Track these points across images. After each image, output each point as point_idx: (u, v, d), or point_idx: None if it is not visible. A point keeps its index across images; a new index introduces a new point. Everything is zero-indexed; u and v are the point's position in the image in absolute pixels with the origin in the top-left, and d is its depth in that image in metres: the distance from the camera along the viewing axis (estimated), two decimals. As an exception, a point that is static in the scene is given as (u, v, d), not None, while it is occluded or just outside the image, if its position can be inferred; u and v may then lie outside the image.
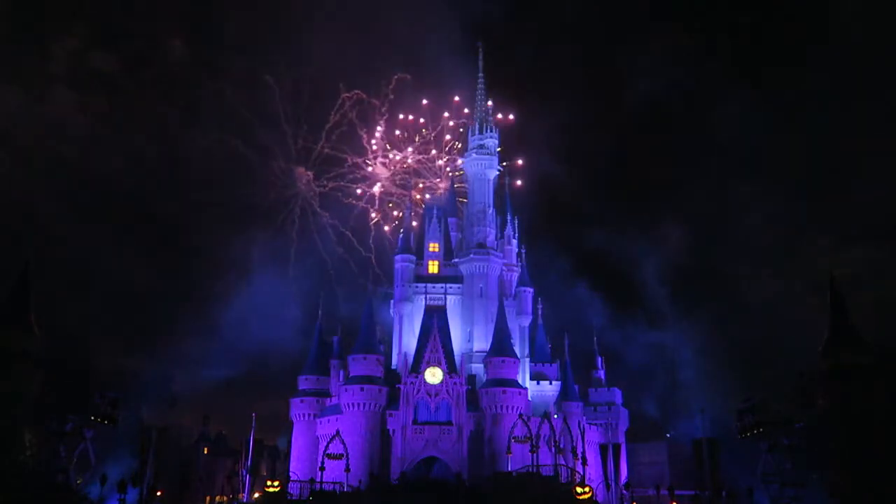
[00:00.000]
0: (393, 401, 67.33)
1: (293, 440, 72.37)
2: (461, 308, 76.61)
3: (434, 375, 67.04)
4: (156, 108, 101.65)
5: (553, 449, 61.90)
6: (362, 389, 66.60)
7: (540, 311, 78.90)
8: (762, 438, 50.86)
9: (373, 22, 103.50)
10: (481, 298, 76.09)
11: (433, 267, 78.48)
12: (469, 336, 75.22)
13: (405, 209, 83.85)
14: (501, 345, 69.79)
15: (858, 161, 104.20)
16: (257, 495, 64.22)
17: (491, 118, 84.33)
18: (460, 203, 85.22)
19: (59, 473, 47.33)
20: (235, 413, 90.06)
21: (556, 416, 69.34)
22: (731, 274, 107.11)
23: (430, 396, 66.57)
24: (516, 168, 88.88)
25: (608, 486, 68.70)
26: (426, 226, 79.84)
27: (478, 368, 72.00)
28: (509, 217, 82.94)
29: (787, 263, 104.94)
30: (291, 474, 64.33)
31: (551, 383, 74.58)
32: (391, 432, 66.44)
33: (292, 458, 71.32)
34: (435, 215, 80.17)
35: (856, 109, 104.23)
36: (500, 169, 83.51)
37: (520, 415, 63.43)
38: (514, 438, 60.66)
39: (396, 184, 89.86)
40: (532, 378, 74.69)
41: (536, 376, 75.09)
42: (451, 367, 67.87)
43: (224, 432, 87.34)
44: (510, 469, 60.51)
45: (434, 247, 79.10)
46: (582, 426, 65.80)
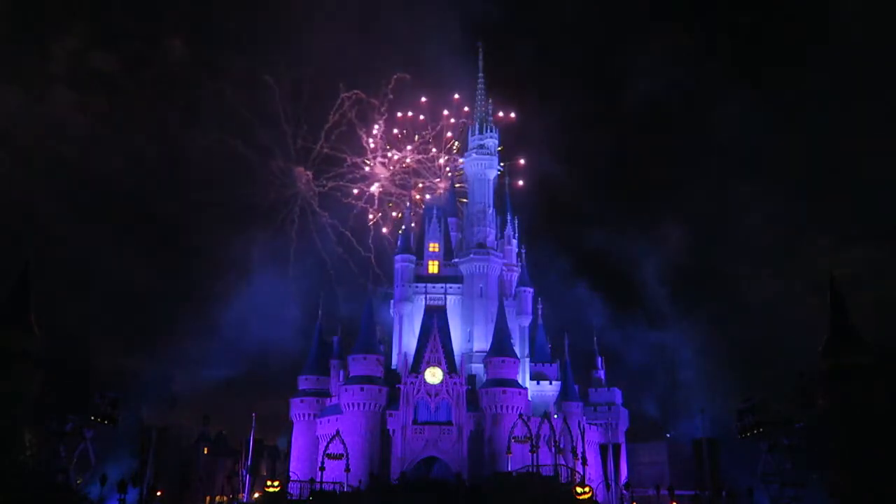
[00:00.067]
0: (393, 401, 67.32)
1: (293, 440, 72.35)
2: (461, 308, 76.60)
3: (434, 375, 67.04)
4: (156, 108, 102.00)
5: (553, 449, 61.89)
6: (362, 389, 66.60)
7: (540, 311, 78.89)
8: (762, 438, 50.88)
9: (372, 22, 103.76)
10: (481, 298, 76.08)
11: (433, 267, 78.46)
12: (469, 336, 75.20)
13: (405, 209, 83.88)
14: (501, 345, 69.78)
15: (858, 161, 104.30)
16: (257, 495, 64.25)
17: (491, 118, 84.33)
18: (460, 203, 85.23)
19: (59, 473, 47.34)
20: (235, 413, 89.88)
21: (556, 416, 69.32)
22: (731, 274, 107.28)
23: (430, 396, 66.56)
24: (518, 168, 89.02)
25: (608, 486, 68.68)
26: (426, 226, 79.79)
27: (478, 368, 71.99)
28: (509, 217, 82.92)
29: (787, 263, 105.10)
30: (291, 474, 64.29)
31: (551, 383, 74.57)
32: (391, 432, 66.42)
33: (292, 458, 71.28)
34: (435, 215, 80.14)
35: (856, 109, 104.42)
36: (500, 169, 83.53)
37: (520, 415, 63.43)
38: (514, 438, 60.65)
39: (396, 184, 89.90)
40: (532, 378, 74.68)
41: (536, 376, 75.08)
42: (451, 367, 67.86)
43: (224, 432, 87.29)
44: (510, 469, 60.52)
45: (434, 247, 79.08)
46: (582, 426, 65.79)
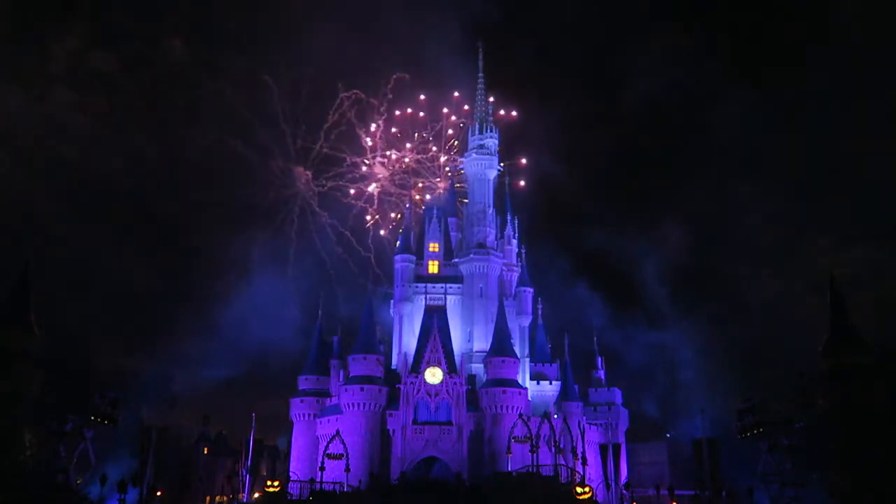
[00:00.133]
0: (393, 401, 67.32)
1: (293, 440, 72.36)
2: (461, 308, 76.60)
3: (434, 375, 67.03)
4: (156, 109, 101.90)
5: (553, 449, 61.88)
6: (362, 389, 66.60)
7: (540, 311, 78.90)
8: (762, 438, 50.87)
9: (372, 22, 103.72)
10: (481, 298, 76.08)
11: (433, 267, 78.46)
12: (469, 336, 75.20)
13: (404, 209, 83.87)
14: (501, 345, 69.78)
15: (858, 161, 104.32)
16: (257, 495, 64.23)
17: (491, 118, 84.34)
18: (460, 203, 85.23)
19: (59, 473, 47.32)
20: (235, 413, 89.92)
21: (556, 416, 69.32)
22: (731, 274, 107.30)
23: (430, 396, 66.56)
24: (520, 167, 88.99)
25: (608, 486, 68.66)
26: (426, 226, 79.80)
27: (478, 368, 71.99)
28: (509, 217, 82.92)
29: (787, 263, 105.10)
30: (291, 474, 64.30)
31: (551, 383, 74.57)
32: (391, 432, 66.42)
33: (292, 458, 71.29)
34: (435, 215, 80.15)
35: (856, 109, 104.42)
36: (500, 169, 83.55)
37: (520, 415, 63.41)
38: (514, 438, 60.64)
39: (396, 183, 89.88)
40: (532, 378, 74.68)
41: (536, 376, 75.09)
42: (451, 367, 67.86)
43: (224, 432, 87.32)
44: (510, 469, 60.51)
45: (434, 247, 79.09)
46: (582, 426, 65.78)
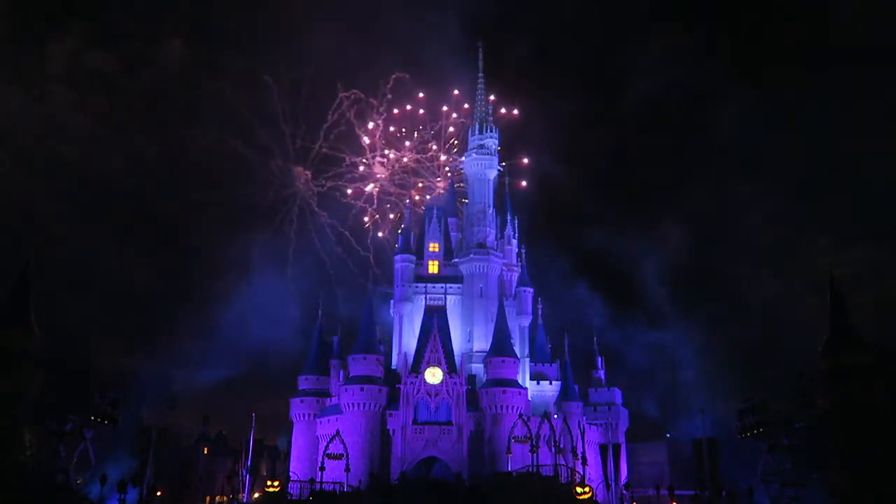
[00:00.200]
0: (393, 401, 67.31)
1: (293, 440, 72.35)
2: (461, 308, 76.58)
3: (434, 375, 67.02)
4: (155, 109, 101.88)
5: (553, 449, 61.85)
6: (362, 389, 66.58)
7: (540, 311, 78.89)
8: (762, 438, 50.87)
9: (372, 22, 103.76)
10: (481, 298, 76.06)
11: (433, 267, 78.43)
12: (469, 336, 75.18)
13: (404, 209, 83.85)
14: (501, 345, 69.77)
15: (858, 161, 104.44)
16: (257, 495, 64.25)
17: (491, 118, 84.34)
18: (460, 203, 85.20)
19: (59, 473, 47.29)
20: (235, 413, 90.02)
21: (556, 416, 69.31)
22: (731, 274, 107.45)
23: (430, 396, 66.55)
24: (522, 167, 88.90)
25: (608, 486, 68.65)
26: (426, 226, 79.77)
27: (478, 368, 71.97)
28: (509, 217, 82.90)
29: (787, 263, 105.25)
30: (291, 474, 64.27)
31: (551, 383, 74.56)
32: (391, 432, 66.41)
33: (292, 458, 71.28)
34: (435, 215, 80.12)
35: (856, 109, 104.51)
36: (501, 169, 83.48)
37: (520, 415, 63.40)
38: (514, 438, 60.63)
39: (395, 183, 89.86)
40: (532, 378, 74.66)
41: (536, 376, 75.07)
42: (451, 367, 67.85)
43: (224, 432, 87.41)
44: (510, 469, 60.50)
45: (434, 247, 79.06)
46: (582, 426, 65.76)
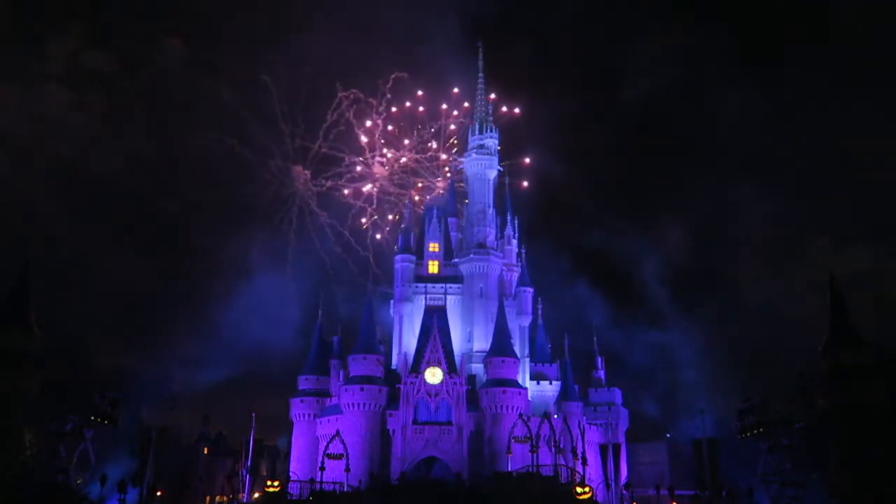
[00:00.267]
0: (393, 401, 67.30)
1: (293, 440, 72.33)
2: (461, 308, 76.58)
3: (434, 375, 67.01)
4: (155, 108, 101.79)
5: (553, 449, 61.82)
6: (362, 389, 66.57)
7: (540, 311, 78.88)
8: (762, 438, 50.93)
9: (371, 21, 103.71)
10: (481, 298, 76.06)
11: (433, 267, 78.42)
12: (469, 336, 75.19)
13: (404, 209, 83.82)
14: (501, 345, 69.77)
15: (858, 161, 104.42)
16: (257, 495, 64.24)
17: (491, 118, 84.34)
18: (460, 203, 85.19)
19: (59, 473, 47.32)
20: (235, 413, 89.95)
21: (556, 416, 69.31)
22: (731, 274, 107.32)
23: (430, 396, 66.54)
24: (522, 167, 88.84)
25: (608, 486, 68.65)
26: (426, 226, 79.76)
27: (478, 368, 71.97)
28: (509, 217, 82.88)
29: (787, 263, 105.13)
30: (291, 474, 64.25)
31: (551, 383, 74.57)
32: (391, 432, 66.40)
33: (292, 458, 71.26)
34: (435, 215, 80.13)
35: (856, 109, 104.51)
36: (501, 169, 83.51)
37: (520, 415, 63.39)
38: (514, 438, 60.62)
39: (395, 183, 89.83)
40: (532, 378, 74.67)
41: (536, 376, 75.08)
42: (451, 367, 67.84)
43: (224, 432, 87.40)
44: (510, 469, 60.48)
45: (434, 247, 79.06)
46: (582, 426, 65.76)
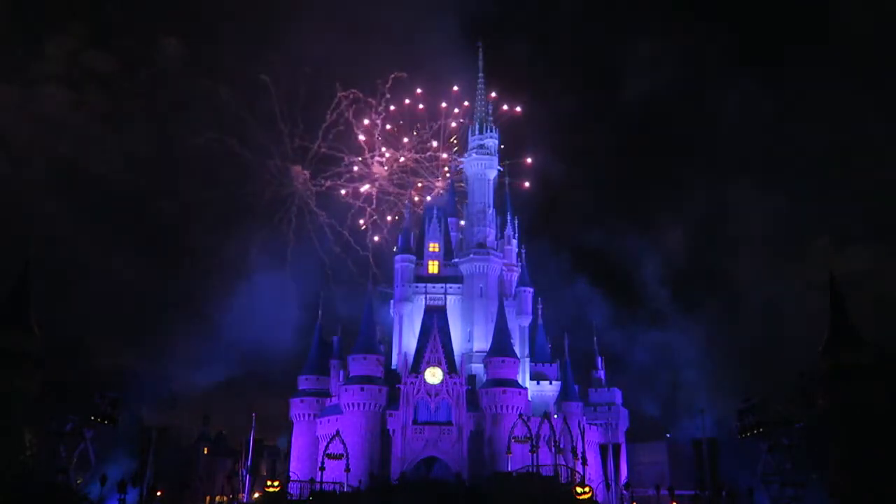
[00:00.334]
0: (393, 401, 67.29)
1: (293, 440, 72.32)
2: (461, 308, 76.58)
3: (434, 375, 67.02)
4: (154, 108, 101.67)
5: (553, 449, 61.82)
6: (362, 389, 66.56)
7: (540, 311, 78.88)
8: (762, 438, 50.96)
9: (370, 21, 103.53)
10: (481, 298, 76.07)
11: (433, 267, 78.43)
12: (469, 336, 75.20)
13: (403, 209, 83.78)
14: (501, 345, 69.77)
15: (858, 161, 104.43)
16: (257, 495, 64.21)
17: (491, 118, 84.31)
18: (460, 203, 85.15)
19: (59, 473, 47.35)
20: (235, 413, 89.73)
21: (556, 416, 69.31)
22: (731, 274, 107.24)
23: (430, 396, 66.55)
24: (522, 167, 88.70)
25: (608, 486, 68.57)
26: (426, 226, 79.75)
27: (478, 368, 71.98)
28: (509, 217, 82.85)
29: (787, 263, 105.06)
30: (291, 474, 64.25)
31: (551, 383, 74.57)
32: (391, 432, 66.39)
33: (292, 458, 71.26)
34: (435, 215, 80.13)
35: (856, 109, 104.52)
36: (501, 169, 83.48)
37: (520, 415, 63.39)
38: (514, 438, 60.61)
39: (394, 183, 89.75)
40: (532, 378, 74.67)
41: (536, 376, 75.08)
42: (451, 367, 67.84)
43: (224, 432, 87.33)
44: (510, 469, 60.47)
45: (434, 247, 79.07)
46: (582, 426, 65.75)
